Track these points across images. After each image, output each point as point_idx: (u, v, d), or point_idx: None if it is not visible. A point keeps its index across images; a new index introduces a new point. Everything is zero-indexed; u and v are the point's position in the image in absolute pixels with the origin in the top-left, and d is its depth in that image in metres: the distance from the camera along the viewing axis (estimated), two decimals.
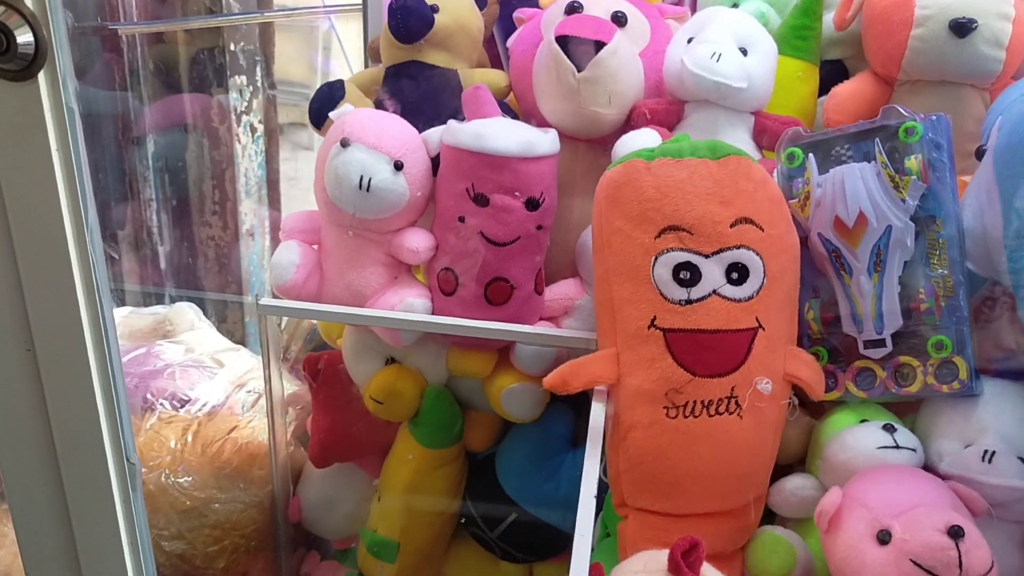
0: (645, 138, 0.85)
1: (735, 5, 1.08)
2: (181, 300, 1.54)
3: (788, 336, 0.79)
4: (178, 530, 1.05)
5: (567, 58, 0.87)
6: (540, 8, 1.04)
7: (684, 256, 0.74)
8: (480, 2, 1.09)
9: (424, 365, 0.99)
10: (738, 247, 0.75)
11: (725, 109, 0.91)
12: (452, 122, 0.89)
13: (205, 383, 1.23)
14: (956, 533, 0.64)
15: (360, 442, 1.08)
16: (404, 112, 0.99)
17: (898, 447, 0.75)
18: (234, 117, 1.76)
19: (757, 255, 0.75)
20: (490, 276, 0.89)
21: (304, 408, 1.18)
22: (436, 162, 0.91)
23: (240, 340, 1.76)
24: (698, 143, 0.78)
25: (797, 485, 0.80)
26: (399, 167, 0.88)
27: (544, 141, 0.87)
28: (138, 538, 0.74)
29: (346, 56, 2.12)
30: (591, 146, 0.96)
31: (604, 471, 0.80)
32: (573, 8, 0.95)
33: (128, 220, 1.79)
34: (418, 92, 1.01)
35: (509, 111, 0.98)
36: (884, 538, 0.66)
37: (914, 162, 0.75)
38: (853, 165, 0.77)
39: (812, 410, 0.84)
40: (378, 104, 1.03)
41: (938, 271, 0.76)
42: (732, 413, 0.75)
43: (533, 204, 0.86)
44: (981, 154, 0.76)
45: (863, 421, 0.79)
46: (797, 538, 0.79)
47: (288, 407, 1.14)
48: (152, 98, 1.75)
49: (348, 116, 0.91)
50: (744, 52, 0.90)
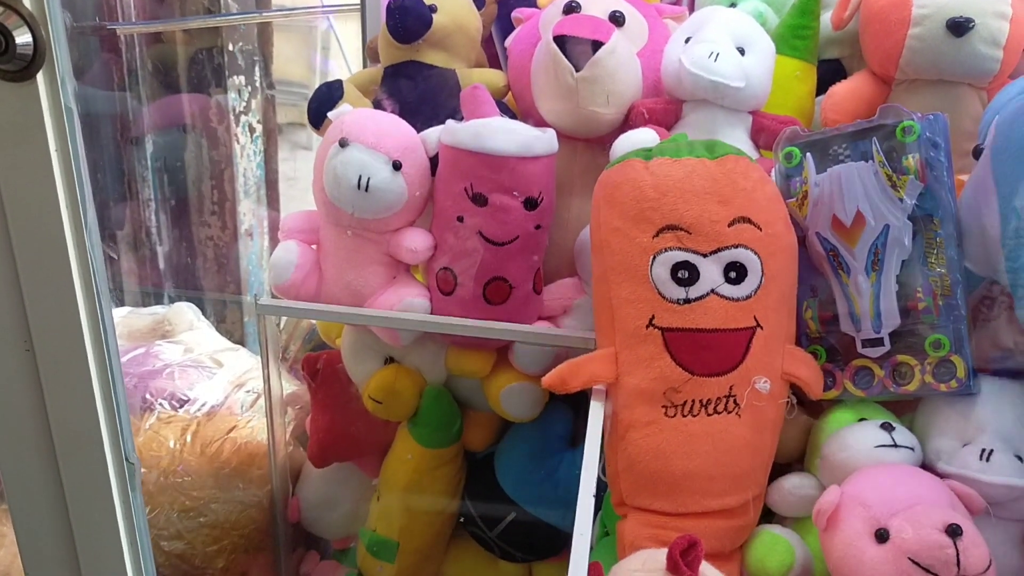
0: (643, 137, 0.85)
1: (733, 4, 1.08)
2: (180, 300, 1.55)
3: (786, 335, 0.79)
4: (177, 530, 1.05)
5: (565, 58, 0.87)
6: (538, 8, 1.04)
7: (682, 255, 0.74)
8: (478, 2, 1.09)
9: (423, 365, 0.99)
10: (736, 246, 0.75)
11: (723, 108, 0.91)
12: (450, 122, 0.89)
13: (204, 383, 1.23)
14: (954, 531, 0.64)
15: (359, 442, 1.08)
16: (402, 112, 0.99)
17: (896, 446, 0.76)
18: (233, 117, 1.76)
19: (755, 254, 0.75)
20: (489, 276, 0.89)
21: (303, 408, 1.18)
22: (434, 162, 0.91)
23: (239, 340, 1.75)
24: (696, 142, 0.78)
25: (796, 484, 0.80)
26: (398, 167, 0.88)
27: (542, 141, 0.87)
28: (137, 538, 0.74)
29: (344, 56, 2.12)
30: (589, 146, 0.96)
31: (603, 470, 0.80)
32: (571, 8, 0.95)
33: (127, 220, 1.79)
34: (416, 92, 1.01)
35: (507, 111, 0.98)
36: (882, 536, 0.66)
37: (912, 161, 0.75)
38: (851, 164, 0.77)
39: (810, 409, 0.84)
40: (376, 104, 1.03)
41: (936, 270, 0.76)
42: (730, 412, 0.75)
43: (531, 204, 0.86)
44: (979, 153, 0.76)
45: (861, 420, 0.79)
46: (796, 537, 0.78)
47: (287, 407, 1.14)
48: (151, 98, 1.74)
49: (347, 116, 0.91)
50: (742, 51, 0.90)
